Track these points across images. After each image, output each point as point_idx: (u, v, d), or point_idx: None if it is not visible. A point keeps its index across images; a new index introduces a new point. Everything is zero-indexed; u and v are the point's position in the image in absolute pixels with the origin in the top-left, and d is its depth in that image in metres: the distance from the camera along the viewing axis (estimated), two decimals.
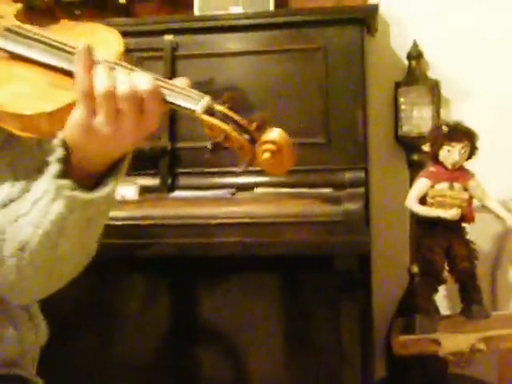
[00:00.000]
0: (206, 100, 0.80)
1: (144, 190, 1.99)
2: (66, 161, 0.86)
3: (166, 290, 2.09)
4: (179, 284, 2.08)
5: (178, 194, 2.00)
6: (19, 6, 1.00)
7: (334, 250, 1.71)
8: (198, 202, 1.86)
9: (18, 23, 0.94)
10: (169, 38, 2.04)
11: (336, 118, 2.01)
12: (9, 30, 0.92)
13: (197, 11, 2.13)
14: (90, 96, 0.82)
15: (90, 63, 0.83)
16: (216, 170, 2.02)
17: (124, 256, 1.81)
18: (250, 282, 2.03)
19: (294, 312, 2.05)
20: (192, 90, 0.83)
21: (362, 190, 1.86)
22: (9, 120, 0.86)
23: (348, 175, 1.96)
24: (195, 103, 0.80)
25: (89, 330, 2.11)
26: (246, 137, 0.80)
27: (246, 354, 2.08)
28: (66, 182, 0.85)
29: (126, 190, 1.95)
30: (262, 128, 0.80)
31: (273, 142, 0.78)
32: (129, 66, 0.85)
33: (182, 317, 2.08)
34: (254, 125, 0.80)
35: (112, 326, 2.12)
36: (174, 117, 2.03)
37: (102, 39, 0.90)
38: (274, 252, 1.75)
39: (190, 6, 2.13)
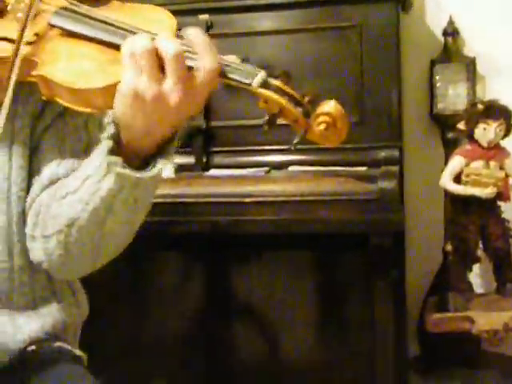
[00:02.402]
0: (262, 74, 0.82)
1: (179, 169, 2.01)
2: (116, 138, 0.87)
3: (200, 267, 2.12)
4: (214, 261, 2.11)
5: (212, 172, 2.02)
6: None
7: (369, 228, 1.72)
8: (233, 181, 1.88)
9: (73, 2, 0.96)
10: (204, 17, 2.06)
11: (371, 96, 2.00)
12: (65, 8, 0.94)
13: None
14: (134, 56, 0.82)
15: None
16: (250, 148, 2.04)
17: (160, 233, 1.84)
18: (284, 259, 2.05)
19: (327, 289, 2.07)
20: (248, 65, 0.84)
21: (396, 168, 1.86)
22: (70, 96, 0.88)
23: (382, 153, 1.96)
24: (252, 78, 0.82)
25: (126, 305, 2.15)
26: (300, 110, 0.81)
27: (279, 331, 2.10)
28: (116, 159, 0.86)
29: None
30: (314, 101, 0.82)
31: (328, 114, 0.80)
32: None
33: (216, 293, 2.11)
34: (307, 98, 0.82)
35: (148, 301, 2.16)
36: (208, 96, 2.04)
37: (155, 18, 0.91)
38: (307, 230, 1.77)
39: None
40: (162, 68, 0.82)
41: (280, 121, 0.83)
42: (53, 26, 0.93)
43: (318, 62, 2.03)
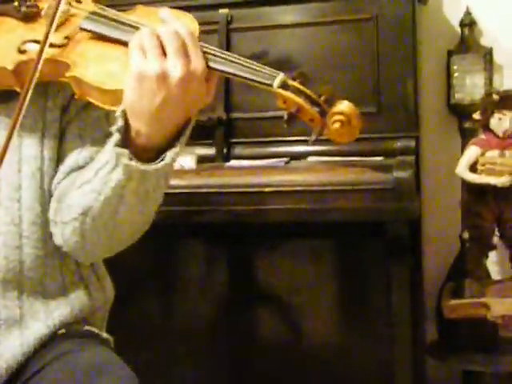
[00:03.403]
0: (281, 76, 0.88)
1: (201, 160, 2.07)
2: (125, 131, 0.91)
3: (222, 255, 2.17)
4: (235, 249, 2.16)
5: (233, 163, 2.07)
6: None
7: (385, 217, 1.76)
8: (253, 171, 1.92)
9: (101, 6, 1.02)
10: (224, 11, 2.10)
11: (387, 87, 2.03)
12: (93, 13, 1.00)
13: None
14: (138, 43, 0.88)
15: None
16: (270, 139, 2.09)
17: (183, 222, 1.89)
18: (304, 247, 2.09)
19: (346, 276, 2.12)
20: (269, 68, 0.90)
21: (412, 157, 1.89)
22: (100, 96, 0.94)
23: (399, 143, 1.99)
24: (272, 79, 0.88)
25: (151, 292, 2.21)
26: (317, 109, 0.87)
27: (300, 317, 2.15)
28: (124, 151, 0.90)
29: (184, 159, 2.03)
30: (330, 101, 0.88)
31: (342, 113, 0.86)
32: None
33: (238, 280, 2.16)
34: (323, 98, 0.88)
35: (172, 288, 2.22)
36: (228, 88, 2.10)
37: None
38: (326, 219, 1.80)
39: None
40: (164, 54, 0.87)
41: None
42: (83, 30, 0.99)
43: (335, 54, 2.06)
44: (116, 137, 0.91)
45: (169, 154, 0.91)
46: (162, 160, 0.91)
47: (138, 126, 0.90)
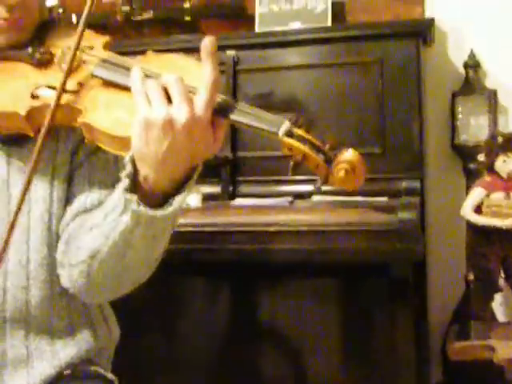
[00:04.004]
0: (286, 124, 0.88)
1: (207, 198, 2.08)
2: (134, 177, 0.92)
3: (226, 294, 2.17)
4: (239, 288, 2.16)
5: (238, 201, 2.08)
6: (107, 38, 1.09)
7: (390, 258, 1.75)
8: (258, 210, 1.93)
9: (111, 53, 1.04)
10: (231, 53, 2.14)
11: (392, 128, 2.06)
12: (105, 60, 1.02)
13: (257, 27, 2.22)
14: (143, 91, 0.88)
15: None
16: (275, 178, 2.11)
17: (188, 260, 1.90)
18: (308, 287, 2.09)
19: (350, 316, 2.10)
20: (274, 116, 0.90)
21: (416, 199, 1.90)
22: (109, 142, 0.95)
23: (404, 184, 2.01)
24: (277, 127, 0.88)
25: (155, 330, 2.21)
26: (322, 157, 0.88)
27: (303, 356, 2.13)
28: (132, 197, 0.90)
29: (191, 198, 2.04)
30: (335, 149, 0.88)
31: (348, 162, 0.86)
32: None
33: (241, 319, 2.15)
34: (328, 146, 0.88)
35: (176, 326, 2.21)
36: (235, 128, 2.12)
37: (186, 68, 0.97)
38: (330, 259, 1.80)
39: (251, 22, 2.22)
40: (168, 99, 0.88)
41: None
42: (95, 77, 1.01)
43: (341, 96, 2.09)
44: (125, 182, 0.91)
45: (176, 200, 0.91)
46: (170, 205, 0.91)
47: (146, 172, 0.90)
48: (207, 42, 0.88)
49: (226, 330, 2.16)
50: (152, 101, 0.88)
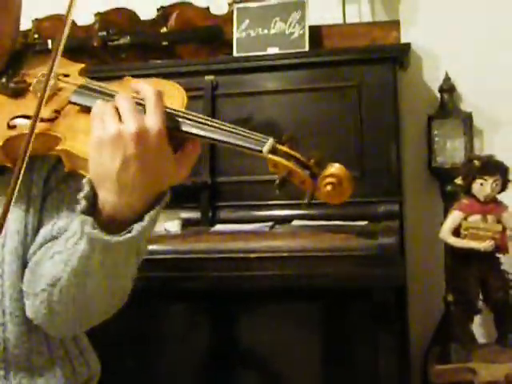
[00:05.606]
0: (271, 141, 0.88)
1: (186, 223, 2.07)
2: (92, 199, 0.89)
3: (207, 321, 2.15)
4: (220, 314, 2.14)
5: (218, 227, 2.07)
6: (82, 65, 1.09)
7: (370, 283, 1.76)
8: (238, 236, 1.93)
9: (87, 79, 1.03)
10: (209, 78, 2.14)
11: (370, 152, 2.07)
12: (82, 86, 1.01)
13: (235, 52, 2.21)
14: (98, 114, 0.89)
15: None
16: (255, 203, 2.10)
17: (168, 288, 1.88)
18: (289, 313, 2.07)
19: (331, 341, 2.10)
20: (257, 134, 0.89)
21: (396, 222, 1.92)
22: (88, 167, 0.93)
23: (383, 208, 2.02)
24: (261, 145, 0.88)
25: (133, 357, 2.18)
26: (307, 172, 0.87)
27: (284, 381, 2.12)
28: (87, 218, 0.87)
29: (170, 224, 2.03)
30: (320, 164, 0.88)
31: (333, 176, 0.86)
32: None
33: (222, 346, 2.13)
34: (313, 161, 0.88)
35: (155, 353, 2.19)
36: (213, 153, 2.12)
37: (167, 93, 0.96)
38: (310, 285, 1.81)
39: (229, 47, 2.22)
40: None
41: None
42: (72, 103, 1.00)
43: (319, 120, 2.10)
44: (82, 203, 0.89)
45: (135, 227, 0.87)
46: (128, 232, 0.87)
47: (105, 196, 0.88)
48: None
49: (206, 358, 2.14)
50: (104, 122, 0.88)
